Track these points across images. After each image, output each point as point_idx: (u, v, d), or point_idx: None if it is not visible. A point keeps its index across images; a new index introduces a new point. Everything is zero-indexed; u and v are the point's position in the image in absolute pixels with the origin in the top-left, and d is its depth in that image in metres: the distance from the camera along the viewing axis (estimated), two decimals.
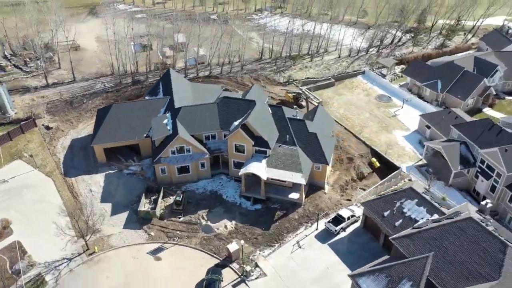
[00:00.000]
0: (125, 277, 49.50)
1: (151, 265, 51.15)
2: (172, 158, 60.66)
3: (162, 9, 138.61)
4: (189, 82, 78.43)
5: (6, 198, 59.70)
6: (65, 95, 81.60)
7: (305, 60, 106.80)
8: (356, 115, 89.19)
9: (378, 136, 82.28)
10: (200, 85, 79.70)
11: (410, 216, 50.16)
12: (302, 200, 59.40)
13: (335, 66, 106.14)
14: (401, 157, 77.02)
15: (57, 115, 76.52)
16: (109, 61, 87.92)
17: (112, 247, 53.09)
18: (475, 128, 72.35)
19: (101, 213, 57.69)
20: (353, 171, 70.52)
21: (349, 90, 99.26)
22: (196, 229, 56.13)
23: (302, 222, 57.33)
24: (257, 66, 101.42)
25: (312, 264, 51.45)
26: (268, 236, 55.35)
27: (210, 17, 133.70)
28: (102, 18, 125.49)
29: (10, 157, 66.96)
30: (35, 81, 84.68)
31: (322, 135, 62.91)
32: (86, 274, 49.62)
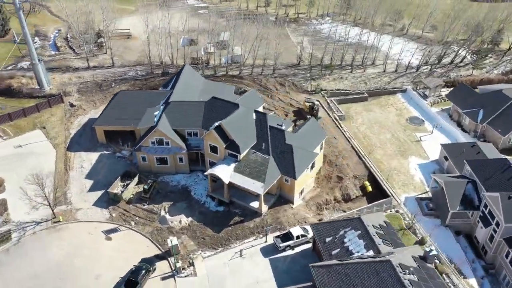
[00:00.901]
0: (74, 248, 54.14)
1: (100, 243, 55.16)
2: (151, 148, 64.04)
3: (226, 7, 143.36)
4: (203, 80, 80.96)
5: (14, 160, 68.31)
6: (99, 78, 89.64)
7: (345, 70, 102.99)
8: (376, 134, 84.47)
9: (389, 160, 77.25)
10: (214, 83, 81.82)
11: (348, 247, 47.16)
12: (261, 210, 58.71)
13: (375, 81, 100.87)
14: (405, 186, 71.65)
15: (85, 95, 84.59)
16: (150, 51, 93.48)
17: (75, 220, 58.14)
18: (488, 167, 64.60)
19: (80, 188, 63.36)
20: (338, 191, 67.43)
21: (381, 107, 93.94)
22: (154, 219, 58.87)
23: (255, 232, 56.84)
24: (290, 71, 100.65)
25: (244, 275, 51.08)
26: (216, 238, 55.98)
27: (269, 19, 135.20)
28: (167, 10, 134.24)
29: (33, 126, 76.08)
30: (79, 63, 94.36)
31: (300, 148, 61.22)
32: (44, 239, 55.25)
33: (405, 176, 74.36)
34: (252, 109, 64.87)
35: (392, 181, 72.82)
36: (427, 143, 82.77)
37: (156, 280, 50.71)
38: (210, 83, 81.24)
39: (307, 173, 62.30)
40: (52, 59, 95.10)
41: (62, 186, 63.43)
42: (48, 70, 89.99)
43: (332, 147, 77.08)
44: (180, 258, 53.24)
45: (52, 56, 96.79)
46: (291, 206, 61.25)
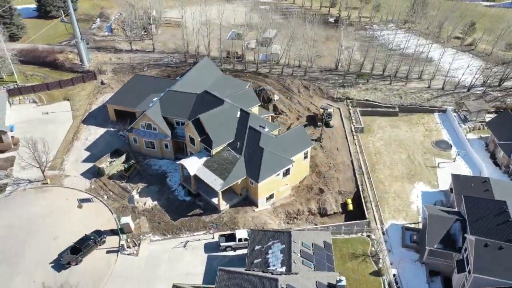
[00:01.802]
0: (49, 209, 60.63)
1: (72, 209, 60.87)
2: (141, 131, 68.10)
3: (289, 5, 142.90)
4: (220, 74, 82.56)
5: (37, 125, 77.57)
6: (135, 61, 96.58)
7: (383, 81, 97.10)
8: (390, 153, 79.29)
9: (392, 182, 72.35)
10: (229, 78, 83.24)
11: (268, 259, 46.10)
12: (219, 206, 59.38)
13: (413, 96, 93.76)
14: (397, 212, 66.90)
15: (118, 75, 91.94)
16: (188, 40, 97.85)
17: (60, 185, 64.64)
18: (482, 208, 57.70)
19: (77, 157, 70.01)
20: (314, 204, 65.14)
21: (409, 125, 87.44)
22: (125, 196, 62.95)
23: (208, 227, 57.81)
24: (323, 75, 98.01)
25: (179, 265, 52.71)
26: (170, 225, 58.24)
27: (328, 20, 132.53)
28: (227, 3, 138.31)
29: (64, 97, 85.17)
30: (124, 45, 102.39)
31: (274, 153, 60.33)
32: (29, 196, 62.62)
33: (402, 202, 69.01)
34: (238, 108, 65.21)
35: (384, 204, 68.21)
36: (443, 171, 75.36)
37: (102, 252, 54.64)
38: (225, 77, 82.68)
39: (277, 178, 61.20)
40: (103, 39, 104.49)
41: (63, 154, 70.53)
42: (95, 49, 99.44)
43: (330, 158, 74.20)
44: (131, 237, 56.48)
45: (104, 37, 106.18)
46: (253, 209, 60.82)
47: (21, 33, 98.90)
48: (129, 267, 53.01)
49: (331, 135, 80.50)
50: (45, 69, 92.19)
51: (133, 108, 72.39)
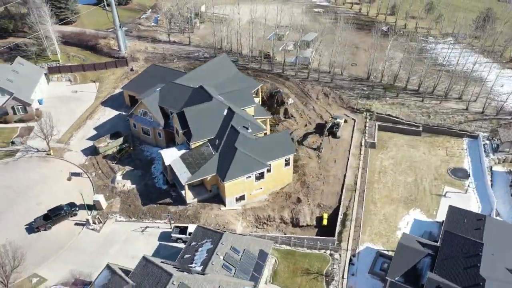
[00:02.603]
0: (43, 177, 66.95)
1: (61, 180, 66.50)
2: (138, 117, 71.74)
3: (345, 10, 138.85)
4: (234, 71, 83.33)
5: (63, 101, 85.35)
6: (169, 52, 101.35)
7: (415, 97, 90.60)
8: (396, 174, 74.42)
9: (385, 204, 68.16)
10: (242, 77, 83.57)
11: (194, 256, 46.43)
12: (185, 199, 60.61)
13: (444, 117, 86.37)
14: (378, 236, 63.15)
15: (148, 63, 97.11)
16: (225, 37, 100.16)
17: (60, 157, 70.70)
18: (457, 246, 52.37)
19: (83, 135, 75.91)
20: (287, 212, 63.52)
21: (430, 147, 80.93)
22: (110, 176, 67.00)
23: (171, 217, 59.40)
24: (349, 84, 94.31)
25: (131, 247, 55.25)
26: (137, 209, 61.00)
27: (380, 28, 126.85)
28: (282, 4, 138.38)
29: (95, 79, 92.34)
30: (164, 37, 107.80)
31: (248, 155, 60.03)
32: (32, 163, 69.57)
33: (388, 227, 64.53)
34: (227, 106, 65.69)
35: (367, 225, 64.40)
36: (448, 201, 68.64)
37: (70, 223, 59.09)
38: (238, 75, 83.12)
39: (248, 181, 60.74)
40: (146, 29, 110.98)
41: (73, 130, 76.85)
42: (136, 37, 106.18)
43: (323, 169, 71.56)
44: (100, 214, 60.17)
45: (148, 27, 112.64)
46: (220, 208, 61.08)
47: (75, 17, 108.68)
48: (88, 241, 56.57)
49: (334, 146, 77.44)
50: (87, 52, 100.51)
51: (139, 95, 76.24)
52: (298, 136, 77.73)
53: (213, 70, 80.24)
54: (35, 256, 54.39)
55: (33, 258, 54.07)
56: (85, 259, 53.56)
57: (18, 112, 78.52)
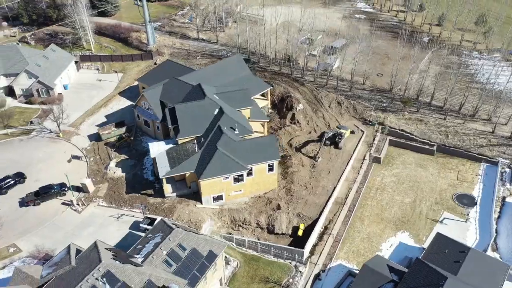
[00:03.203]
0: (47, 157, 71.90)
1: (62, 161, 71.06)
2: (141, 109, 74.65)
3: (388, 17, 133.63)
4: (247, 72, 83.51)
5: (86, 87, 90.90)
6: (194, 48, 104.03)
7: (437, 114, 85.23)
8: (394, 192, 71.22)
9: (372, 223, 65.68)
10: (253, 78, 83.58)
11: (142, 248, 47.72)
12: (164, 192, 62.18)
13: (464, 138, 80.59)
14: (355, 255, 61.59)
15: (173, 59, 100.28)
16: (254, 38, 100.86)
17: (67, 140, 75.56)
18: (422, 276, 49.23)
19: (94, 121, 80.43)
20: (264, 218, 62.87)
21: (441, 168, 76.19)
22: (106, 162, 70.47)
23: (144, 208, 61.24)
24: (368, 95, 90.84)
25: (103, 231, 58.10)
26: (120, 197, 63.68)
27: (421, 38, 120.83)
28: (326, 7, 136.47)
29: (120, 69, 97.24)
30: (193, 33, 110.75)
31: (229, 157, 60.30)
32: (42, 142, 75.08)
33: (369, 246, 61.89)
34: (218, 106, 66.34)
35: (347, 242, 62.27)
36: (444, 228, 64.38)
37: (58, 202, 63.06)
38: (249, 76, 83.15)
39: (225, 181, 60.93)
40: (179, 26, 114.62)
41: (86, 116, 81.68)
42: (167, 33, 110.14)
43: (313, 179, 69.90)
44: (85, 197, 63.62)
45: (182, 23, 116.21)
46: (196, 205, 61.89)
47: (114, 10, 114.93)
48: (68, 221, 60.09)
49: (333, 156, 75.18)
50: (119, 44, 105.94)
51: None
52: (298, 143, 76.39)
53: (224, 69, 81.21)
54: (19, 228, 58.83)
55: (17, 230, 58.56)
56: (60, 237, 56.93)
57: (42, 95, 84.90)
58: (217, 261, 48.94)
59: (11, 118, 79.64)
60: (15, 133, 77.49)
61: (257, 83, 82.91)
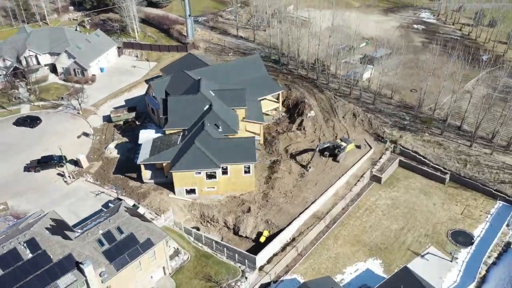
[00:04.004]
0: (62, 130, 78.92)
1: (73, 136, 77.53)
2: (150, 98, 78.40)
3: (450, 30, 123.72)
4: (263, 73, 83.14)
5: (121, 73, 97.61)
6: (230, 45, 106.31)
7: (462, 140, 77.71)
8: (383, 216, 67.22)
9: (345, 244, 62.94)
10: (269, 80, 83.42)
11: (89, 224, 50.72)
12: (142, 177, 65.12)
13: (484, 170, 72.67)
14: (314, 273, 59.29)
15: (206, 52, 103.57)
16: (282, 39, 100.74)
17: (84, 118, 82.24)
18: None
19: (113, 104, 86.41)
20: (232, 219, 62.89)
21: (446, 199, 69.98)
22: (107, 142, 75.54)
23: (124, 190, 64.71)
24: (391, 110, 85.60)
25: (79, 204, 62.78)
26: (106, 176, 67.97)
27: (479, 56, 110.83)
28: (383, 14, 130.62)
29: (155, 59, 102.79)
30: (233, 30, 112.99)
31: (203, 153, 61.36)
32: (63, 117, 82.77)
33: (332, 267, 59.37)
34: (209, 102, 67.50)
35: (311, 258, 60.48)
36: (422, 264, 59.02)
37: (55, 172, 69.01)
38: (263, 77, 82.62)
39: (197, 176, 61.96)
40: (223, 22, 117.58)
41: (109, 98, 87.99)
42: (209, 28, 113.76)
43: (297, 188, 68.01)
44: (78, 171, 69.02)
45: (226, 20, 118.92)
46: (168, 195, 63.81)
47: (166, 2, 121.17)
48: (57, 189, 65.70)
49: (328, 169, 72.29)
50: (161, 34, 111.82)
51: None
52: (295, 150, 74.66)
53: (240, 67, 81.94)
54: (15, 189, 65.71)
55: (13, 191, 65.51)
56: (44, 203, 62.27)
57: (77, 75, 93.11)
58: (155, 250, 50.23)
59: (46, 92, 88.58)
60: (45, 106, 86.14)
61: (269, 84, 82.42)
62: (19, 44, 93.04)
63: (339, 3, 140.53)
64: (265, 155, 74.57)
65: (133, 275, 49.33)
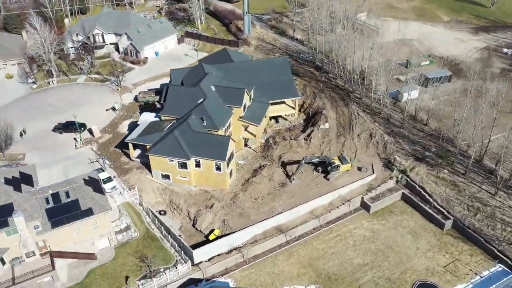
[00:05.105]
0: (98, 101, 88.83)
1: (104, 108, 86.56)
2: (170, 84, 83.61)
3: None
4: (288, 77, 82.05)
5: (172, 59, 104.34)
6: (280, 45, 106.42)
7: (487, 186, 67.39)
8: (351, 247, 62.39)
9: (295, 264, 60.36)
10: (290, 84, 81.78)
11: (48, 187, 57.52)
12: (130, 155, 70.48)
13: (495, 224, 62.44)
14: (240, 281, 58.06)
15: (255, 50, 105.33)
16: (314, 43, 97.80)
17: (121, 93, 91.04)
18: None
19: (148, 86, 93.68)
20: (193, 211, 64.52)
21: (434, 245, 62.29)
22: (125, 118, 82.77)
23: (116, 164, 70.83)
24: (417, 137, 77.48)
25: (74, 167, 69.86)
26: (107, 148, 75.03)
27: None
28: (473, 33, 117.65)
29: (209, 50, 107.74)
30: (290, 30, 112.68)
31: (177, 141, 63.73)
32: (104, 89, 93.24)
33: (268, 282, 57.67)
34: (204, 96, 69.65)
35: (253, 267, 59.45)
36: None
37: (72, 136, 78.19)
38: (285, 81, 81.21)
39: (170, 164, 64.60)
40: (285, 22, 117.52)
41: (147, 81, 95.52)
42: (270, 27, 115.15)
43: (268, 196, 66.53)
44: (89, 139, 77.42)
45: (291, 21, 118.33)
46: (147, 175, 67.93)
47: None
48: (65, 150, 74.52)
49: (314, 185, 69.07)
50: (222, 28, 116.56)
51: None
52: (287, 159, 72.72)
53: (264, 68, 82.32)
54: (37, 144, 76.42)
55: (35, 145, 76.31)
56: (49, 159, 71.78)
57: (132, 56, 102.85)
58: (97, 220, 54.74)
59: (103, 67, 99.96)
60: (97, 79, 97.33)
61: (288, 89, 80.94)
62: (91, 22, 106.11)
63: (426, 15, 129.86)
64: (258, 158, 74.08)
65: (71, 237, 54.42)
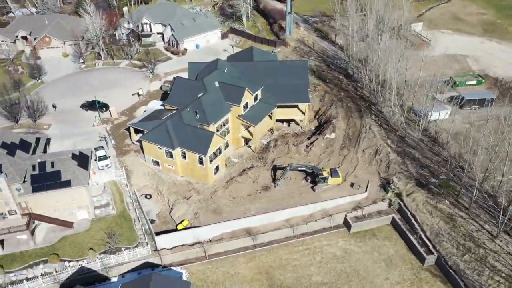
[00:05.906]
0: (129, 85, 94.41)
1: (130, 92, 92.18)
2: None
3: None
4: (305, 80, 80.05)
5: (209, 52, 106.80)
6: (317, 49, 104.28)
7: (488, 225, 60.66)
8: (313, 265, 60.47)
9: (247, 269, 60.44)
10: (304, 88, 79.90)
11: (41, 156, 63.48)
12: (131, 138, 74.62)
13: (483, 270, 56.20)
14: (189, 273, 58.98)
15: (291, 52, 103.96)
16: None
17: (151, 81, 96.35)
18: None
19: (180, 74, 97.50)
20: (173, 199, 66.62)
21: (407, 280, 58.44)
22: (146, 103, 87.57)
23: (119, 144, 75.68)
24: (427, 161, 71.55)
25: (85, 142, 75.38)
26: (118, 128, 80.00)
27: None
28: None
29: (240, 46, 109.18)
30: (333, 34, 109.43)
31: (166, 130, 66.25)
32: (138, 75, 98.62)
33: (220, 280, 57.65)
34: (205, 90, 71.23)
35: (210, 264, 60.20)
36: None
37: (94, 114, 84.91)
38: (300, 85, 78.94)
39: (160, 151, 67.23)
40: (332, 26, 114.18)
41: (179, 72, 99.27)
42: (313, 29, 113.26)
43: (249, 198, 66.51)
44: (109, 119, 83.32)
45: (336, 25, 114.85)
46: (141, 159, 71.49)
47: None
48: (83, 126, 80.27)
49: (297, 194, 67.37)
50: (267, 27, 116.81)
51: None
52: (280, 163, 71.58)
53: (282, 69, 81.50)
54: (64, 117, 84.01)
55: (62, 117, 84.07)
56: (67, 133, 78.61)
57: (173, 46, 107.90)
58: (76, 193, 59.43)
59: (146, 55, 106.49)
60: (136, 65, 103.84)
61: (300, 93, 79.15)
62: (142, 12, 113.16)
63: (496, 31, 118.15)
64: (254, 158, 73.95)
65: (51, 204, 59.57)
